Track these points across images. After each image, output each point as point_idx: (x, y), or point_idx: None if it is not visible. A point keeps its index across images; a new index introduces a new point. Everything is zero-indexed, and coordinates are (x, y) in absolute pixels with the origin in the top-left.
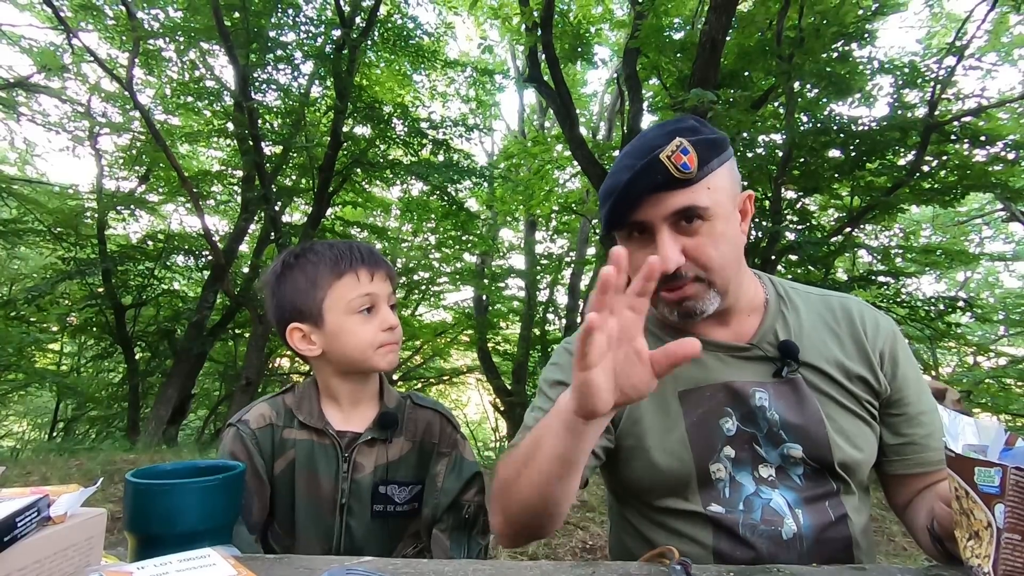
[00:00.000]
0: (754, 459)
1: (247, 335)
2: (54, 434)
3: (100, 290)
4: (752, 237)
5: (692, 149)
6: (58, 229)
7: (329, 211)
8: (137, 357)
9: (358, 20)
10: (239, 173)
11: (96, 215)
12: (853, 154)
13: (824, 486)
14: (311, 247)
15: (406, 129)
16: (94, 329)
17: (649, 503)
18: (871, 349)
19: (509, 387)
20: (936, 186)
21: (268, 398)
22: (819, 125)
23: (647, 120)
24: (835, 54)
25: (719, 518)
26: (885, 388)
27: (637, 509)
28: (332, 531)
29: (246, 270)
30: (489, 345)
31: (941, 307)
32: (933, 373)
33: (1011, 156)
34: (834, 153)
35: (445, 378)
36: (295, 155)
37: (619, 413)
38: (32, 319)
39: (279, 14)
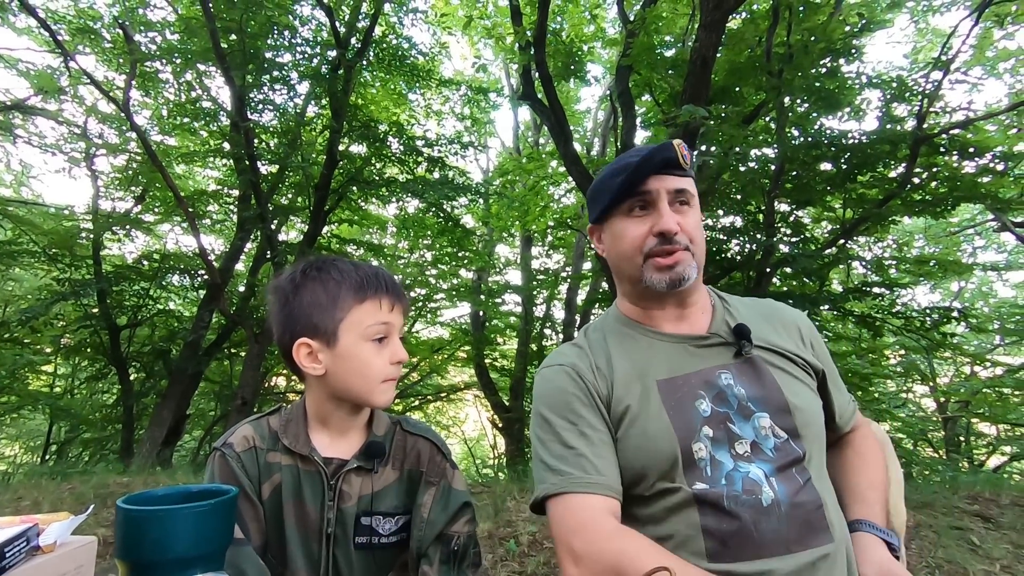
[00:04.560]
0: (730, 438)
1: (243, 354)
2: (47, 457)
3: (95, 311)
4: (746, 250)
5: (688, 151)
6: (53, 250)
7: (325, 229)
8: (132, 378)
9: (353, 41)
10: (235, 192)
11: (91, 236)
12: (844, 167)
13: (792, 455)
14: (335, 263)
15: (401, 147)
16: (88, 350)
17: (640, 495)
18: (798, 334)
19: (507, 403)
20: (927, 197)
21: (252, 419)
22: (810, 139)
23: (640, 136)
24: (824, 70)
25: (704, 493)
26: (816, 363)
27: (628, 499)
28: (320, 561)
29: (242, 289)
30: (486, 361)
31: (936, 317)
32: (931, 383)
33: (1000, 167)
34: (826, 166)
35: (442, 395)
36: (291, 174)
37: (608, 406)
38: (26, 341)
39: (275, 36)
